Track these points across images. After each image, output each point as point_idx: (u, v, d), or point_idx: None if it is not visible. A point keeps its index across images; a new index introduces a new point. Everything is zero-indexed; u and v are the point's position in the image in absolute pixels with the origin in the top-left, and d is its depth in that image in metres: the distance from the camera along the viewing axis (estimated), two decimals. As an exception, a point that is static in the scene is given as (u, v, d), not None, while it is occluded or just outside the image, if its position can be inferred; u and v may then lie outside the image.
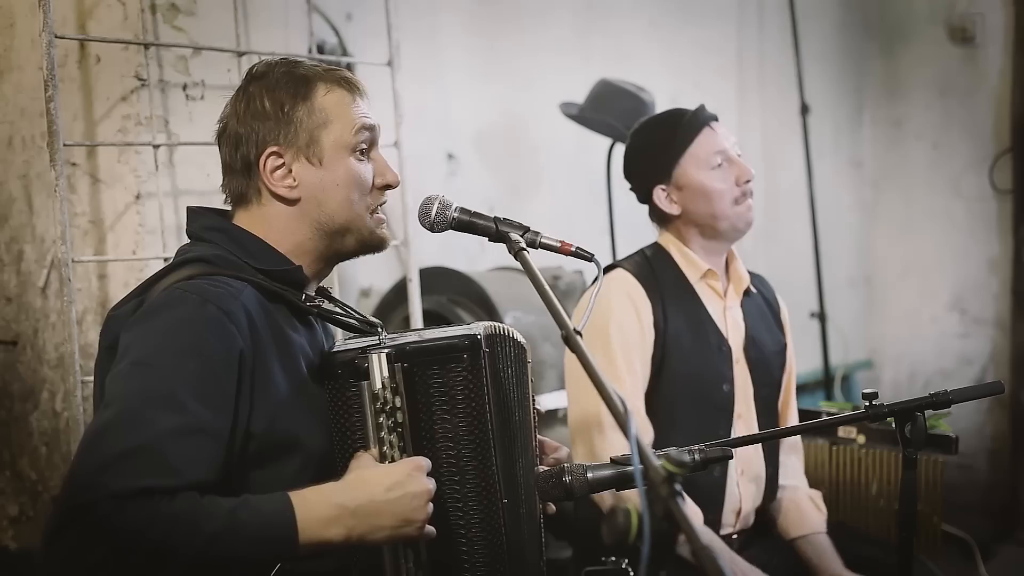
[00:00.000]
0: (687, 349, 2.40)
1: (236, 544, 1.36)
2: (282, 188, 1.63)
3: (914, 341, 5.13)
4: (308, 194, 1.63)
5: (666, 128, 2.44)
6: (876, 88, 5.20)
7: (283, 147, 1.62)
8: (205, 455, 1.41)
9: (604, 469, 1.68)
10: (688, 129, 2.41)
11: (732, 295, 2.51)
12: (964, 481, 4.55)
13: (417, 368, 1.55)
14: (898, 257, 5.21)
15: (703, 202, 2.40)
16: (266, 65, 1.67)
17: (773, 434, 2.37)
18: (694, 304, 2.44)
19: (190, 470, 1.38)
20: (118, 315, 1.56)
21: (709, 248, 2.47)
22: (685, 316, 2.42)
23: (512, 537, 1.61)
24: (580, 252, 1.67)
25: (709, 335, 2.43)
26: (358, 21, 3.41)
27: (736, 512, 2.43)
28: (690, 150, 2.40)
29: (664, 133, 2.43)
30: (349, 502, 1.44)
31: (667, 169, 2.41)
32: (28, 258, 2.72)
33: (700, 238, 2.46)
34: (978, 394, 2.00)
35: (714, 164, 2.40)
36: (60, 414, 2.64)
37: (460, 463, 1.57)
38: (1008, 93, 4.72)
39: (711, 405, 2.39)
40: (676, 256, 2.46)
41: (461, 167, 3.83)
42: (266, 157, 1.62)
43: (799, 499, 2.53)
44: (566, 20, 4.12)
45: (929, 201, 5.06)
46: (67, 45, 2.48)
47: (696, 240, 2.46)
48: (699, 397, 2.39)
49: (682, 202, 2.42)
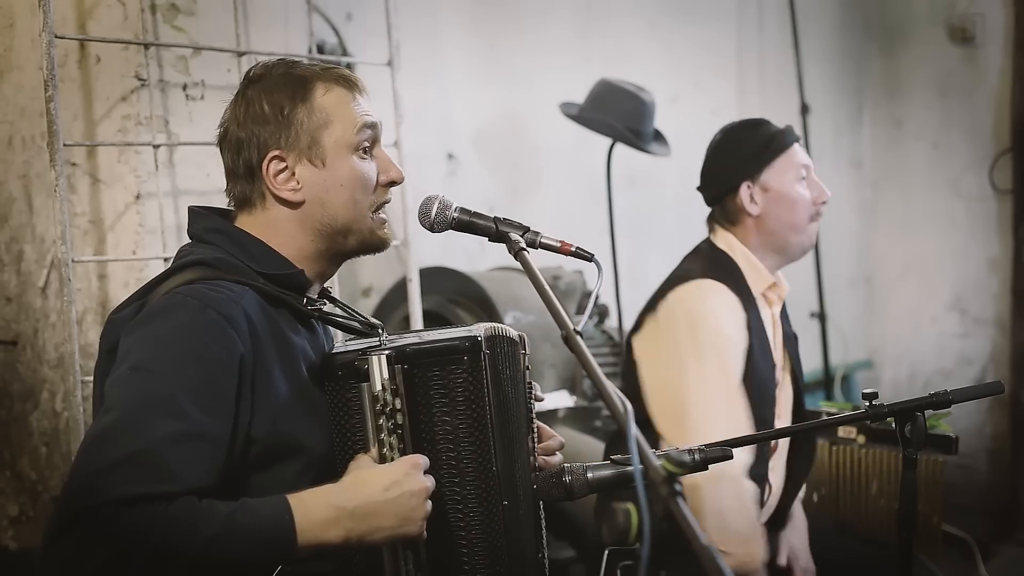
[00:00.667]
0: (759, 370, 2.39)
1: (234, 547, 1.36)
2: (286, 191, 1.62)
3: (914, 341, 5.13)
4: (312, 196, 1.62)
5: (763, 131, 2.46)
6: (876, 88, 5.20)
7: (285, 150, 1.61)
8: (204, 461, 1.41)
9: (604, 469, 1.68)
10: (785, 137, 2.45)
11: (776, 305, 2.51)
12: (964, 481, 4.55)
13: (417, 369, 1.55)
14: (898, 257, 5.21)
15: (785, 209, 2.41)
16: (263, 67, 1.66)
17: (774, 434, 2.38)
18: (759, 320, 2.43)
19: (189, 476, 1.38)
20: (118, 319, 1.56)
21: (773, 261, 2.47)
22: (757, 333, 2.41)
23: (512, 538, 1.61)
24: (580, 252, 1.66)
25: (770, 355, 2.44)
26: (358, 21, 3.42)
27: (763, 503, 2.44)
28: (784, 156, 2.43)
29: (761, 135, 2.46)
30: (347, 503, 1.43)
31: (758, 168, 2.42)
32: (28, 258, 2.72)
33: (765, 248, 2.45)
34: (978, 394, 2.00)
35: (800, 176, 2.44)
36: (60, 414, 2.64)
37: (460, 464, 1.57)
38: (1008, 93, 4.72)
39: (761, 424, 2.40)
40: (742, 262, 2.44)
41: (461, 167, 3.83)
42: (268, 161, 1.61)
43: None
44: (566, 20, 4.13)
45: (929, 201, 5.06)
46: (67, 45, 2.48)
47: (763, 250, 2.45)
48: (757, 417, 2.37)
49: (764, 204, 2.42)
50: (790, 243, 2.45)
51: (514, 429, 1.66)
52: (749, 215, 2.43)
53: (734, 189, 2.43)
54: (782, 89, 4.80)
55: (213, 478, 1.42)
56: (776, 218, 2.42)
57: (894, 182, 5.21)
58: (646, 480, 1.20)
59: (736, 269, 2.43)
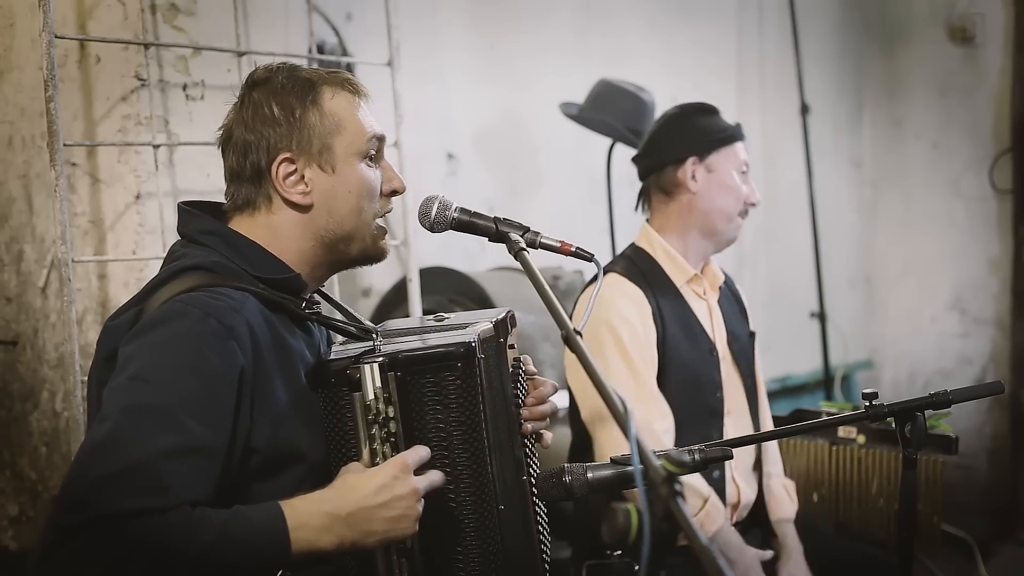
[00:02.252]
0: (684, 356, 2.44)
1: (229, 556, 1.36)
2: (295, 194, 1.61)
3: (914, 341, 5.13)
4: (320, 201, 1.62)
5: (718, 118, 2.53)
6: (876, 88, 5.20)
7: (295, 153, 1.60)
8: (200, 475, 1.41)
9: (604, 469, 1.67)
10: (737, 130, 2.52)
11: (710, 294, 2.55)
12: (964, 481, 4.55)
13: (411, 377, 1.53)
14: (898, 257, 5.21)
15: (722, 195, 2.47)
16: (267, 70, 1.65)
17: (772, 434, 2.38)
18: (683, 308, 2.47)
19: (184, 491, 1.37)
20: (116, 325, 1.55)
21: (698, 249, 2.51)
22: (678, 321, 2.45)
23: (509, 543, 1.60)
24: (580, 252, 1.66)
25: (700, 340, 2.48)
26: (358, 21, 3.41)
27: (734, 505, 2.49)
28: (733, 146, 2.49)
29: (716, 120, 2.52)
30: (339, 510, 1.43)
31: (709, 148, 2.47)
32: (28, 258, 2.72)
33: (693, 233, 2.50)
34: (978, 394, 2.00)
35: (742, 170, 2.50)
36: (60, 414, 2.64)
37: (455, 470, 1.56)
38: (1008, 93, 4.72)
39: (705, 411, 2.45)
40: (662, 258, 2.49)
41: (461, 167, 3.83)
42: (279, 164, 1.60)
43: (772, 486, 2.59)
44: (566, 20, 4.12)
45: (929, 201, 5.06)
46: (67, 45, 2.48)
47: (688, 236, 2.50)
48: (695, 404, 2.43)
49: (704, 184, 2.47)
50: (718, 228, 2.50)
51: (509, 426, 1.66)
52: (687, 191, 2.47)
53: (680, 161, 2.47)
54: (782, 89, 4.80)
55: (208, 491, 1.41)
56: (711, 201, 2.47)
57: (894, 182, 5.21)
58: (646, 480, 1.20)
59: (654, 264, 2.49)
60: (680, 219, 2.49)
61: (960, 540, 3.33)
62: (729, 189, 2.47)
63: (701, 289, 2.52)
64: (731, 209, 2.48)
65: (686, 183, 2.47)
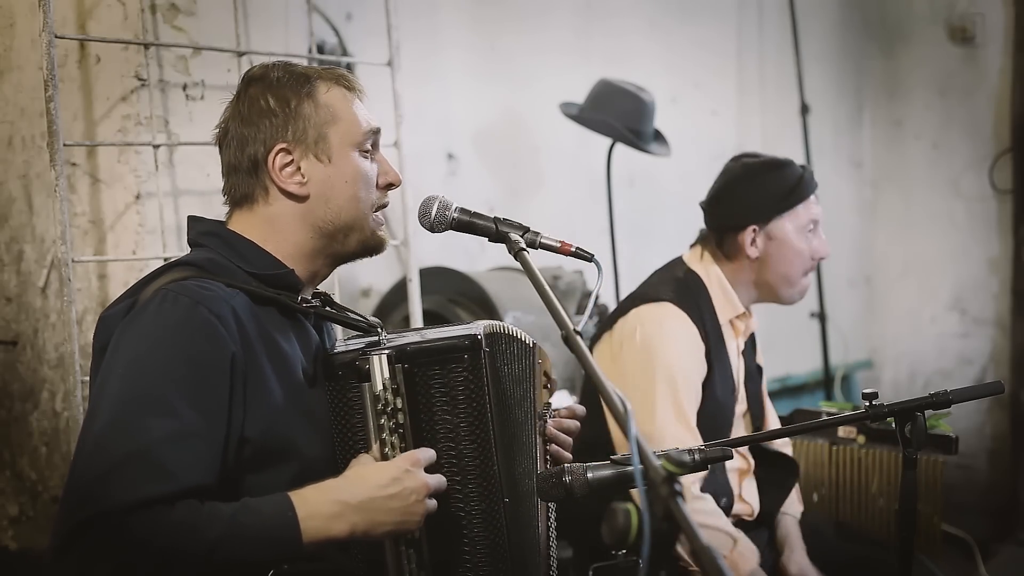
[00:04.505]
0: (718, 395, 2.40)
1: (240, 548, 1.36)
2: (292, 185, 1.62)
3: (914, 341, 5.13)
4: (316, 191, 1.63)
5: (785, 177, 2.42)
6: (876, 88, 5.20)
7: (291, 144, 1.61)
8: (201, 459, 1.41)
9: (604, 469, 1.67)
10: (804, 188, 2.42)
11: (743, 332, 2.51)
12: (964, 481, 4.55)
13: (418, 368, 1.55)
14: (898, 257, 5.21)
15: (784, 261, 2.41)
16: (262, 68, 1.67)
17: (772, 434, 2.38)
18: (722, 347, 2.43)
19: (187, 475, 1.38)
20: (110, 316, 1.56)
21: (753, 297, 2.48)
22: (719, 361, 2.41)
23: (514, 536, 1.61)
24: (580, 252, 1.67)
25: (728, 381, 2.44)
26: (358, 21, 3.41)
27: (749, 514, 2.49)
28: (797, 208, 2.41)
29: (783, 181, 2.41)
30: (351, 498, 1.44)
31: (769, 215, 2.40)
32: (28, 258, 2.72)
33: (752, 287, 2.45)
34: (978, 394, 2.00)
35: (808, 229, 2.42)
36: (60, 414, 2.64)
37: (461, 462, 1.57)
38: (1008, 93, 4.72)
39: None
40: (715, 292, 2.43)
41: (461, 167, 3.82)
42: (275, 155, 1.61)
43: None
44: (566, 20, 4.12)
45: (929, 201, 5.06)
46: (67, 45, 2.48)
47: (748, 286, 2.45)
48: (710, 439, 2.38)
49: (765, 251, 2.41)
50: (779, 293, 2.45)
51: (516, 427, 1.67)
52: (747, 256, 2.42)
53: (739, 229, 2.41)
54: (782, 89, 4.79)
55: (211, 476, 1.42)
56: (772, 267, 2.41)
57: (894, 182, 5.21)
58: (646, 480, 1.20)
59: (705, 293, 2.42)
60: (738, 274, 2.45)
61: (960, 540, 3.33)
62: (793, 255, 2.40)
63: (742, 327, 2.48)
64: (794, 273, 2.42)
65: (745, 250, 2.41)
